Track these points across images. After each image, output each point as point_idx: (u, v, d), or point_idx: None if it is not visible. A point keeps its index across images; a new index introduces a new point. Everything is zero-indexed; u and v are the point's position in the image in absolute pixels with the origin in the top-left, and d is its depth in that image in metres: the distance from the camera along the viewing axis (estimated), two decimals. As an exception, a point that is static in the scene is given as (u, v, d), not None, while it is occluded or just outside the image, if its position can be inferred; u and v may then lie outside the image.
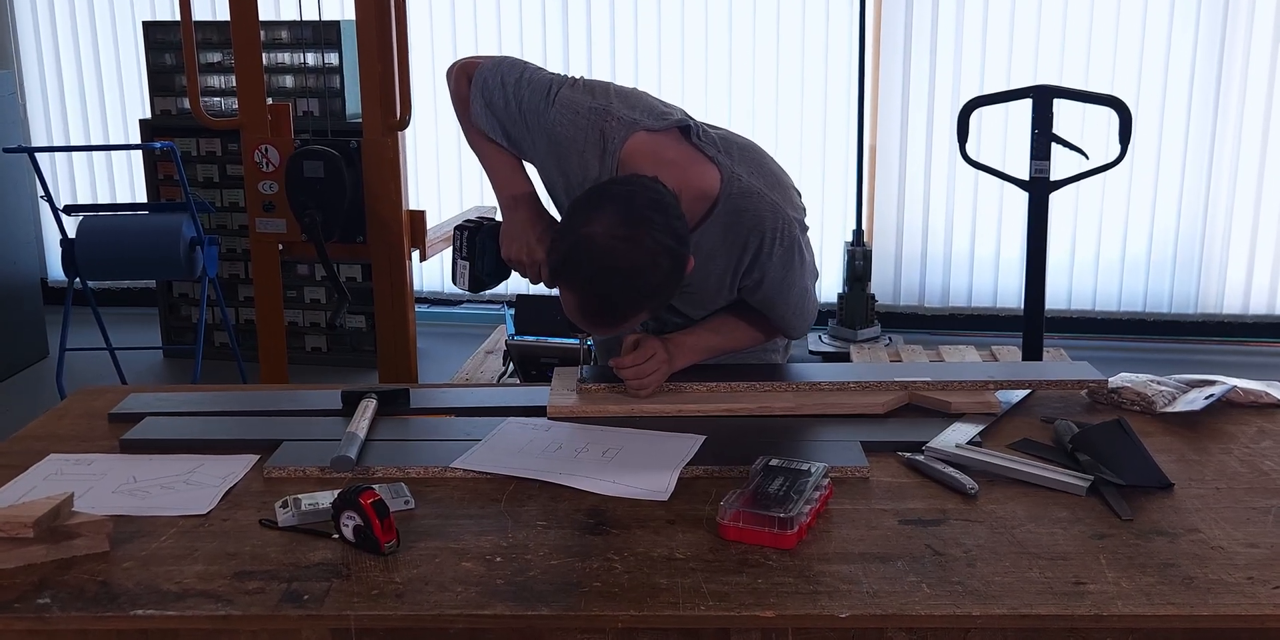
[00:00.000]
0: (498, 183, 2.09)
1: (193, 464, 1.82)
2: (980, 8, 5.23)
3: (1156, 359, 5.16)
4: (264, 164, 3.55)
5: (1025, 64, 5.24)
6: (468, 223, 2.08)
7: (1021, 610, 1.37)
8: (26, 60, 6.03)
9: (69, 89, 6.04)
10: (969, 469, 1.75)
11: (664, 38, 5.51)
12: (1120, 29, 5.15)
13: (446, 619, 1.37)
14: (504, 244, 2.02)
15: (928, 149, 5.42)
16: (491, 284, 2.12)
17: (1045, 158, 3.66)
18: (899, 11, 5.29)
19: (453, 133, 5.62)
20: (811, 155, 5.44)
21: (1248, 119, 5.16)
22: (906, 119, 5.40)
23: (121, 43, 5.92)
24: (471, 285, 2.09)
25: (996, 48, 5.26)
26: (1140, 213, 5.34)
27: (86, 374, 4.70)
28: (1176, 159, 5.26)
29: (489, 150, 2.11)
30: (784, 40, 5.42)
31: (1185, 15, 5.11)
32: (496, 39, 5.59)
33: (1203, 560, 1.48)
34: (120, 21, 5.90)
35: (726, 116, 5.40)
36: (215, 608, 1.39)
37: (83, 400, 2.17)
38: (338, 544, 1.54)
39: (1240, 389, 2.07)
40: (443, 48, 5.64)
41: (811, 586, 1.42)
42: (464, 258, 2.07)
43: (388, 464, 1.79)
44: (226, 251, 5.14)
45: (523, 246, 2.00)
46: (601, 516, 1.62)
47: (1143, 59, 5.17)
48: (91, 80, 6.02)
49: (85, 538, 1.52)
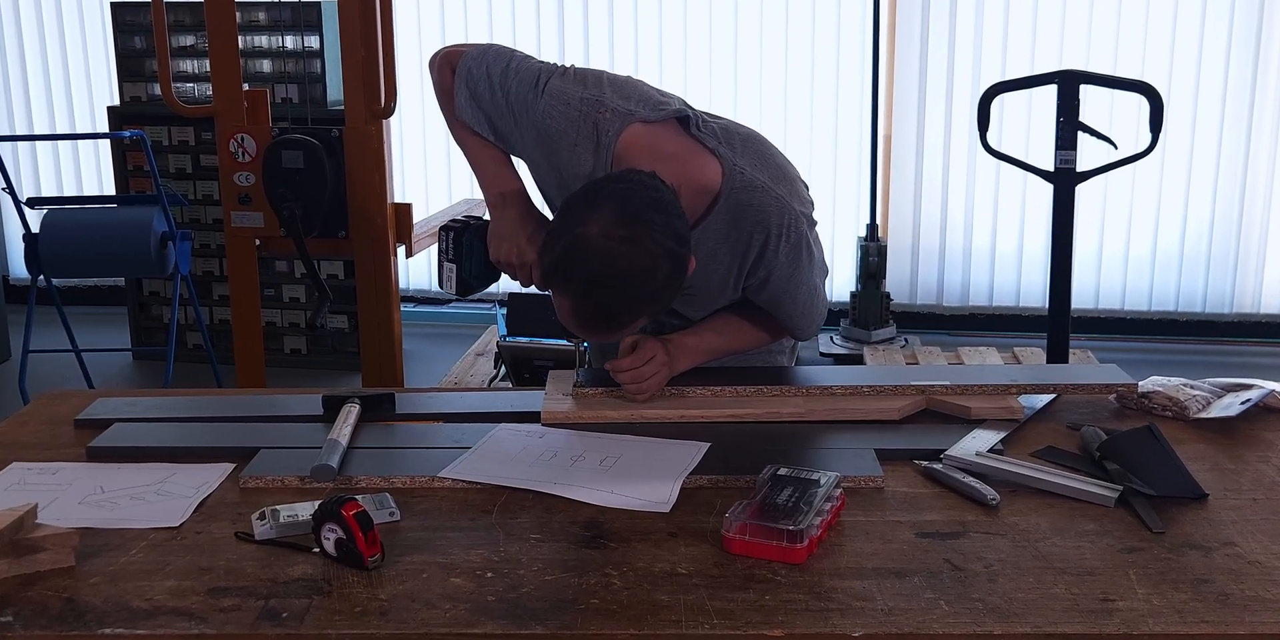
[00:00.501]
0: (484, 179, 2.09)
1: (164, 473, 1.82)
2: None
3: (1190, 361, 5.17)
4: (240, 154, 3.56)
5: (1050, 48, 5.24)
6: (453, 222, 2.08)
7: (1046, 629, 1.37)
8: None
9: (32, 74, 6.05)
10: (990, 479, 1.75)
11: (665, 21, 5.51)
12: (1151, 10, 5.16)
13: (434, 638, 1.37)
14: (492, 245, 2.02)
15: (946, 138, 5.42)
16: (479, 287, 2.12)
17: (1071, 147, 3.66)
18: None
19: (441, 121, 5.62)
20: (823, 145, 5.45)
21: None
22: (924, 106, 5.41)
23: (88, 24, 5.93)
24: (459, 288, 2.10)
25: (1019, 31, 5.27)
26: (1172, 206, 5.34)
27: (51, 377, 4.70)
28: (1211, 148, 5.27)
29: (475, 144, 2.11)
30: (793, 23, 5.42)
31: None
32: (487, 20, 5.60)
33: (1239, 576, 1.48)
34: (87, 2, 5.90)
35: (732, 104, 5.41)
36: (188, 626, 1.39)
37: (47, 405, 2.17)
38: (318, 558, 1.54)
39: (1278, 393, 2.07)
40: (430, 30, 5.64)
41: (822, 604, 1.42)
42: (450, 260, 2.08)
43: (371, 473, 1.79)
44: (200, 247, 5.15)
45: (512, 247, 2.00)
46: (599, 529, 1.63)
47: (1175, 42, 5.18)
48: (56, 65, 6.03)
49: (50, 551, 1.52)
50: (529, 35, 5.55)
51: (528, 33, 5.56)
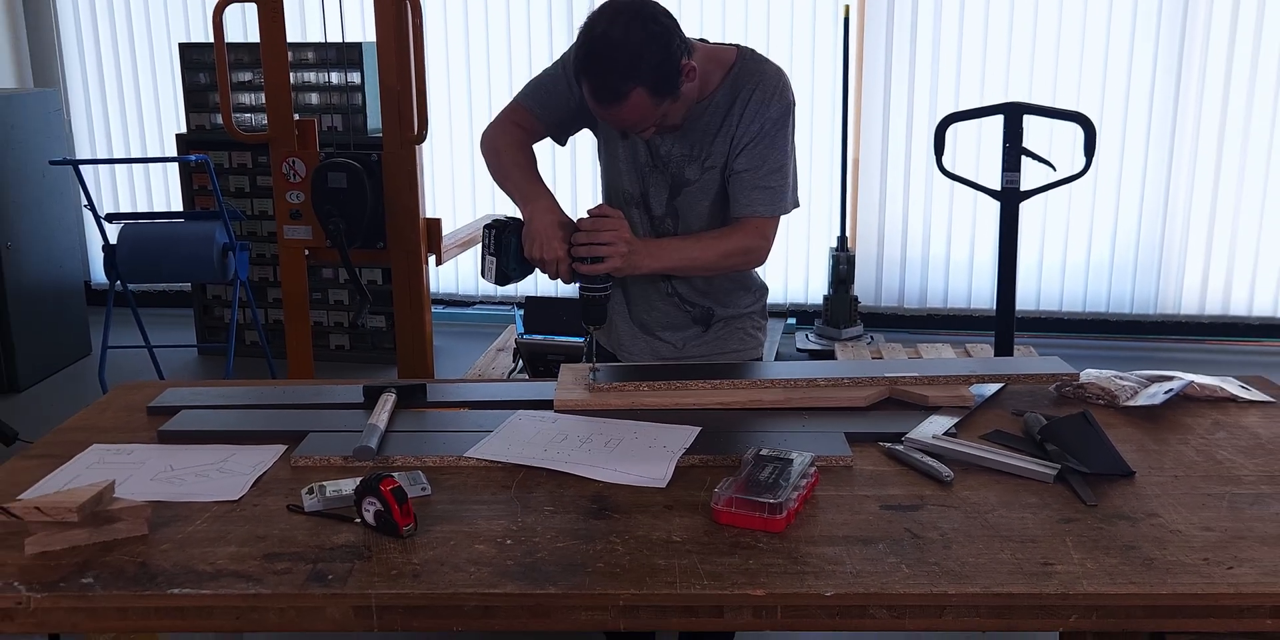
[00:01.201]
0: (518, 196, 2.09)
1: (225, 453, 1.82)
2: (955, 31, 5.23)
3: (1119, 356, 5.16)
4: (291, 175, 3.55)
5: (997, 82, 5.24)
6: (495, 222, 2.08)
7: (994, 589, 1.37)
8: (71, 79, 6.04)
9: (110, 105, 6.04)
10: (945, 458, 1.75)
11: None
12: (1085, 50, 5.15)
13: (461, 597, 1.37)
14: (526, 244, 2.02)
15: (907, 161, 5.41)
16: (516, 278, 2.11)
17: (1016, 169, 3.66)
18: (880, 35, 5.29)
19: (466, 146, 5.63)
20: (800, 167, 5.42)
21: (1203, 133, 5.17)
22: (887, 134, 5.40)
23: (159, 62, 5.92)
24: (497, 279, 2.09)
25: (970, 67, 5.26)
26: (1104, 220, 5.34)
27: (126, 370, 4.70)
28: (1137, 170, 5.26)
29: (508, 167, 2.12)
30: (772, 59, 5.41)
31: (1145, 38, 5.11)
32: (507, 61, 5.59)
33: (1162, 543, 1.48)
34: (158, 42, 5.90)
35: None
36: (246, 587, 1.39)
37: (123, 395, 2.17)
38: (359, 528, 1.54)
39: (1197, 384, 2.07)
40: (457, 68, 5.63)
41: (799, 567, 1.42)
42: (491, 253, 2.07)
43: (406, 453, 1.79)
44: (256, 256, 5.14)
45: (543, 245, 1.99)
46: (604, 502, 1.62)
47: (1106, 78, 5.18)
48: (131, 97, 6.02)
49: (125, 522, 1.52)
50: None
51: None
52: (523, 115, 2.17)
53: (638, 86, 1.87)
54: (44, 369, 4.97)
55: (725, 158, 2.10)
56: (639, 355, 2.27)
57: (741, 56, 2.10)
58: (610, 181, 2.22)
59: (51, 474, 1.74)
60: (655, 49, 1.87)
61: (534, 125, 2.17)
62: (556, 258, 1.97)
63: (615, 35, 1.86)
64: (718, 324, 2.25)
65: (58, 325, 5.08)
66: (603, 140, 2.21)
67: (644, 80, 1.87)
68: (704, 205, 2.14)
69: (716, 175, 2.11)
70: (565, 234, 1.97)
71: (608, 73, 1.87)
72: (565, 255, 1.96)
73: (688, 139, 2.09)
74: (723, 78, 2.07)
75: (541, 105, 2.15)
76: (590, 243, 1.95)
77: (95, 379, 4.49)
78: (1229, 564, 1.42)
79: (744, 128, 2.07)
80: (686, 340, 2.25)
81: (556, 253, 1.97)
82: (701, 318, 2.24)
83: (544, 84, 2.16)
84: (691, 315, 2.24)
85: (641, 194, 2.16)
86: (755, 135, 2.07)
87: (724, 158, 2.10)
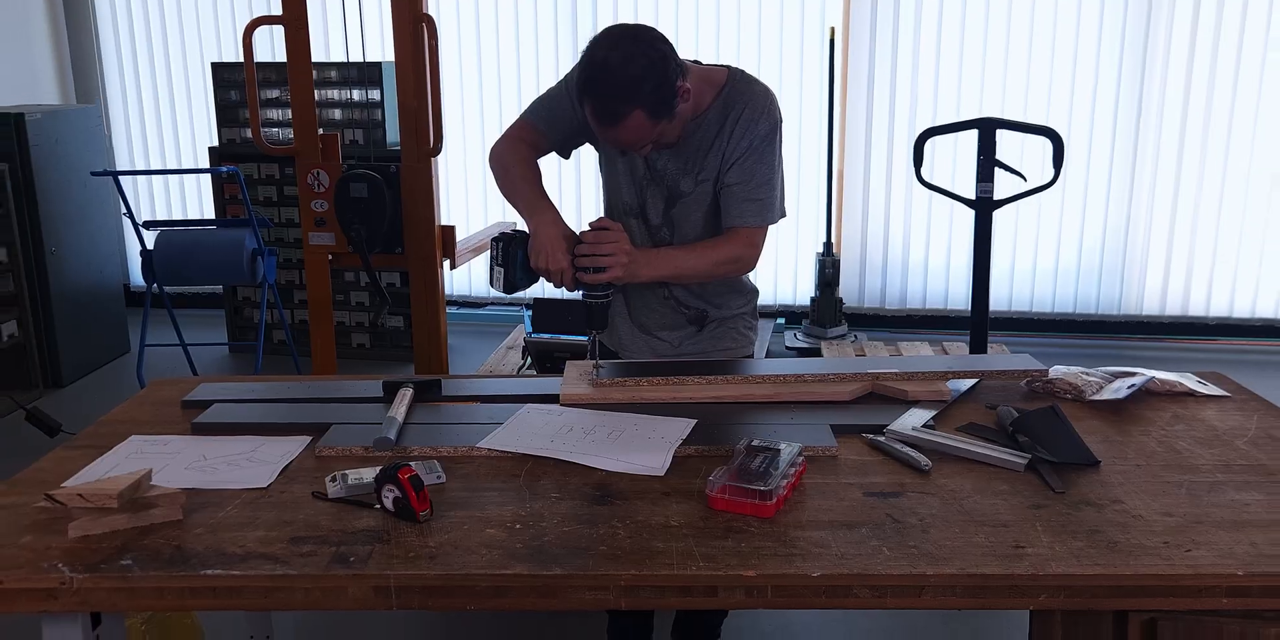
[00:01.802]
0: (525, 209, 2.08)
1: (254, 444, 1.82)
2: (933, 51, 5.23)
3: (1086, 354, 5.16)
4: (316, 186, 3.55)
5: (972, 98, 5.24)
6: (503, 234, 2.08)
7: (969, 570, 1.37)
8: (111, 95, 6.04)
9: (148, 120, 6.04)
10: (924, 448, 1.75)
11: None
12: (1054, 69, 5.16)
13: (474, 578, 1.37)
14: (532, 256, 2.02)
15: (888, 173, 5.41)
16: (522, 287, 2.11)
17: (989, 180, 3.66)
18: (863, 56, 5.29)
19: (478, 158, 5.62)
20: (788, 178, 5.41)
21: (1164, 146, 5.17)
22: (869, 147, 5.40)
23: (193, 80, 5.93)
24: (505, 288, 2.09)
25: (947, 86, 5.27)
26: (1071, 227, 5.34)
27: (162, 367, 4.70)
28: (1102, 181, 5.27)
29: (516, 182, 2.11)
30: (762, 77, 5.41)
31: (1109, 58, 5.11)
32: (515, 79, 5.59)
33: (1125, 527, 1.48)
34: (192, 62, 5.90)
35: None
36: (274, 568, 1.39)
37: (159, 389, 2.17)
38: (379, 513, 1.54)
39: (1158, 380, 2.07)
40: (470, 86, 5.63)
41: (788, 550, 1.42)
42: (499, 264, 2.07)
43: (422, 444, 1.79)
44: (283, 261, 5.14)
45: (549, 256, 1.99)
46: (607, 489, 1.62)
47: (1073, 96, 5.18)
48: (167, 113, 6.02)
49: (161, 508, 1.52)
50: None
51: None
52: (529, 131, 2.16)
53: (637, 108, 1.87)
54: (86, 366, 4.97)
55: (717, 172, 2.09)
56: (639, 353, 2.27)
57: (732, 77, 2.09)
58: (611, 193, 2.22)
59: (93, 463, 1.74)
60: (653, 74, 1.86)
61: (540, 141, 2.17)
62: (561, 268, 1.97)
63: (615, 61, 1.85)
64: (712, 324, 2.25)
65: (98, 325, 5.08)
66: (604, 155, 2.20)
67: (642, 103, 1.87)
68: (698, 215, 2.14)
69: (709, 188, 2.11)
70: (569, 246, 1.97)
71: (609, 97, 1.87)
72: (569, 266, 1.96)
73: (682, 154, 2.09)
74: (715, 97, 2.07)
75: (547, 122, 2.15)
76: (593, 253, 1.95)
77: (133, 375, 4.49)
78: (1187, 547, 1.42)
79: (734, 144, 2.06)
80: (683, 339, 2.25)
81: (561, 263, 1.97)
82: (697, 319, 2.24)
83: (549, 102, 2.15)
84: (687, 316, 2.24)
85: (640, 205, 2.16)
86: (745, 151, 2.06)
87: (716, 172, 2.09)
